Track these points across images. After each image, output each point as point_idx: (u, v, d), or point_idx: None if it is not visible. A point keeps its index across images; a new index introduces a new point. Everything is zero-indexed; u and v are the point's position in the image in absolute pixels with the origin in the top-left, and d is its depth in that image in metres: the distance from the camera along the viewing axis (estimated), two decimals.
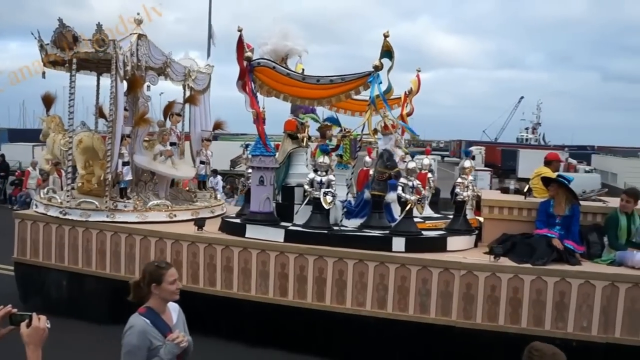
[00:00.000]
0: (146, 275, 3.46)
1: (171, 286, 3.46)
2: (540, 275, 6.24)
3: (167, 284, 3.44)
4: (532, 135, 69.67)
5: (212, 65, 9.62)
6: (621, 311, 6.07)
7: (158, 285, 3.42)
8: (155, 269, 3.46)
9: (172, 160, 8.60)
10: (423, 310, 6.61)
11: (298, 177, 8.07)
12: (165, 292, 3.44)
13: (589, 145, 62.49)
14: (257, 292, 7.15)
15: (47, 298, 8.12)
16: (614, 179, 36.28)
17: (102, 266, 7.83)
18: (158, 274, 3.43)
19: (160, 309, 3.47)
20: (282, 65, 7.61)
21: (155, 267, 3.48)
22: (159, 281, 3.42)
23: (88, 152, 8.14)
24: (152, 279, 3.43)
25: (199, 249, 7.37)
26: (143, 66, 8.28)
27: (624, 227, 6.64)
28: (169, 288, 3.45)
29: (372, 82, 6.87)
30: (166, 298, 3.48)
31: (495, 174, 34.18)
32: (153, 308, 3.44)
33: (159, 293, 3.43)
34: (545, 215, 6.86)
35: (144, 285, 3.45)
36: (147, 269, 3.51)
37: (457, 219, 7.35)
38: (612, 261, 6.49)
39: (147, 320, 3.37)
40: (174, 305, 3.62)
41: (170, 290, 3.46)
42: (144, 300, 3.47)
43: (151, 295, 3.44)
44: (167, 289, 3.44)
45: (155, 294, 3.43)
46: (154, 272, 3.44)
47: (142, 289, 3.46)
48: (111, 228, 7.77)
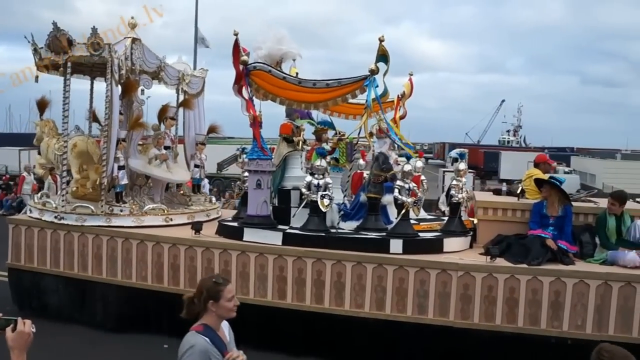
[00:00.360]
0: (203, 291, 3.28)
1: (229, 303, 3.30)
2: (536, 275, 6.37)
3: (225, 301, 3.28)
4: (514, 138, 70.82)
5: (206, 69, 9.64)
6: (614, 309, 6.22)
7: (215, 303, 3.25)
8: (213, 285, 3.28)
9: (167, 164, 8.59)
10: (421, 311, 6.69)
11: (294, 180, 8.12)
12: (223, 309, 3.28)
13: (568, 147, 63.51)
14: (256, 295, 7.17)
15: (42, 303, 8.05)
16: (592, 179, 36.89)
17: (98, 271, 7.80)
18: (216, 291, 3.26)
19: (216, 326, 3.32)
20: (277, 69, 7.66)
21: (212, 284, 3.30)
22: (217, 298, 3.25)
23: (82, 157, 8.09)
24: (209, 295, 3.25)
25: (197, 252, 7.37)
26: (137, 70, 8.25)
27: (612, 228, 6.80)
28: (227, 305, 3.29)
29: (368, 86, 6.96)
30: (223, 316, 3.32)
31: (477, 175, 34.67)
32: (209, 325, 3.28)
33: (216, 310, 3.27)
34: (539, 216, 6.99)
35: (199, 302, 3.28)
36: (204, 285, 3.33)
37: (453, 221, 7.45)
38: (604, 260, 6.64)
39: (207, 338, 3.21)
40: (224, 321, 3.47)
41: (228, 308, 3.30)
42: (197, 316, 3.31)
43: (207, 312, 3.27)
44: (225, 306, 3.28)
45: (211, 311, 3.27)
46: (212, 289, 3.27)
47: (196, 305, 3.30)
48: (107, 232, 7.75)
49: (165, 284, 7.51)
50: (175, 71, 8.90)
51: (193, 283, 7.37)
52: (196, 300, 3.29)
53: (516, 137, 71.41)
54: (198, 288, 3.34)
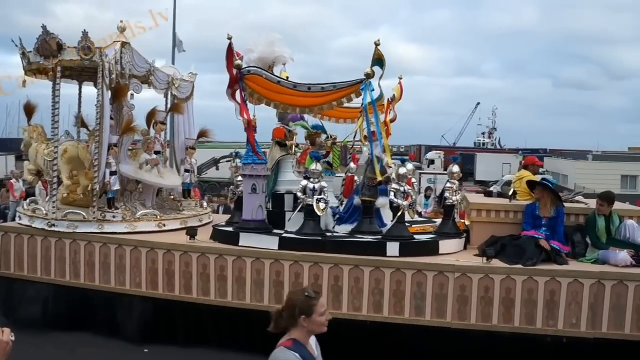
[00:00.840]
0: (295, 305, 3.13)
1: (321, 318, 3.15)
2: (532, 276, 6.47)
3: (318, 316, 3.13)
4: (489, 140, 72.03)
5: (196, 74, 9.58)
6: (607, 307, 6.36)
7: (308, 318, 3.11)
8: (305, 300, 3.14)
9: (158, 169, 8.51)
10: (419, 313, 6.74)
11: (287, 185, 8.12)
12: (315, 324, 3.14)
13: (542, 149, 64.77)
14: (252, 300, 7.15)
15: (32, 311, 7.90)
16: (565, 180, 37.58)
17: (91, 278, 7.68)
18: (309, 305, 3.12)
19: (305, 341, 3.18)
20: (272, 73, 7.65)
21: (305, 298, 3.15)
22: (309, 313, 3.11)
23: (73, 162, 7.97)
24: (301, 310, 3.11)
25: (192, 258, 7.31)
26: (127, 74, 8.16)
27: (602, 228, 6.95)
28: (319, 320, 3.14)
29: (364, 90, 7.01)
30: (314, 331, 3.18)
31: None
32: (299, 341, 3.13)
33: (308, 325, 3.13)
34: (532, 217, 7.11)
35: (288, 316, 3.14)
36: (296, 298, 3.18)
37: (447, 223, 7.54)
38: (596, 260, 6.79)
39: (297, 354, 3.07)
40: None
41: (321, 323, 3.15)
42: (285, 331, 3.18)
43: (296, 326, 3.14)
44: (317, 321, 3.14)
45: (302, 326, 3.13)
46: (304, 303, 3.13)
47: (284, 319, 3.16)
48: (100, 239, 7.64)
49: (160, 291, 7.44)
50: (165, 75, 8.83)
51: (189, 289, 7.35)
52: (285, 314, 3.16)
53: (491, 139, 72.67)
54: (288, 302, 3.21)
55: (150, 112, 8.74)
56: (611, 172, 39.55)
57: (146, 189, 8.59)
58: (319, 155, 7.50)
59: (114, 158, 7.89)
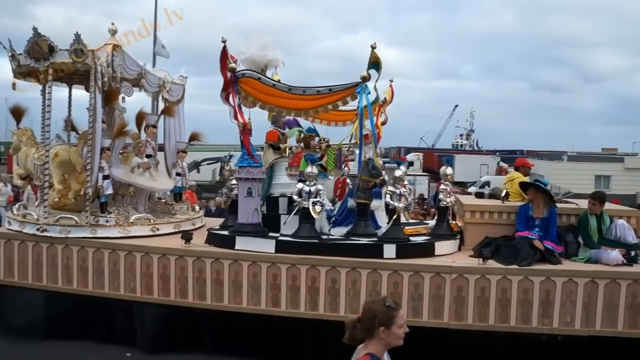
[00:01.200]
0: (375, 316, 3.00)
1: (400, 330, 3.03)
2: (527, 276, 6.57)
3: (397, 328, 3.02)
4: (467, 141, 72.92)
5: (186, 77, 9.51)
6: (601, 305, 6.50)
7: (387, 329, 2.99)
8: (386, 310, 3.00)
9: (150, 172, 8.44)
10: (416, 314, 6.79)
11: (281, 187, 8.12)
12: (393, 336, 3.02)
13: (519, 150, 65.73)
14: (249, 303, 7.12)
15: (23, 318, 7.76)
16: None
17: (84, 284, 7.58)
18: (389, 316, 3.00)
19: (381, 354, 3.06)
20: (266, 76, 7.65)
21: (386, 308, 3.01)
22: (389, 324, 2.99)
23: (64, 166, 7.86)
24: (381, 321, 2.98)
25: (188, 262, 7.26)
26: (118, 77, 8.08)
27: (594, 228, 7.09)
28: (398, 332, 3.03)
29: (359, 93, 7.05)
30: (391, 343, 3.05)
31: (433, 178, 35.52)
32: (376, 355, 3.01)
33: (386, 337, 3.00)
34: (525, 218, 7.22)
35: (366, 327, 3.02)
36: (376, 308, 3.03)
37: (441, 224, 7.62)
38: (588, 259, 6.93)
39: None
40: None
41: (399, 335, 3.04)
42: (358, 343, 3.09)
43: (374, 338, 3.01)
44: (396, 334, 3.02)
45: (380, 338, 3.00)
46: (385, 314, 2.99)
47: (361, 330, 3.05)
48: (93, 244, 7.54)
49: (155, 295, 7.37)
50: (156, 78, 8.75)
51: (184, 294, 7.30)
52: (363, 324, 3.04)
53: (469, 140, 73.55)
54: (366, 312, 3.06)
55: (139, 115, 8.65)
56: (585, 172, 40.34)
57: (138, 192, 8.50)
58: (315, 158, 7.52)
59: (107, 162, 7.79)
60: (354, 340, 3.08)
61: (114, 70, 7.95)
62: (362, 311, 3.11)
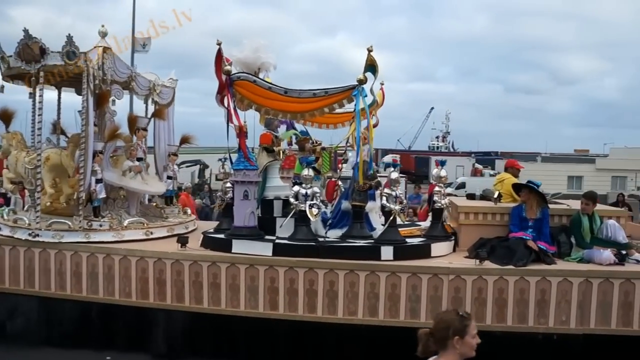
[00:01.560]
0: (449, 326, 2.98)
1: (473, 340, 3.01)
2: (523, 276, 6.68)
3: (470, 337, 2.99)
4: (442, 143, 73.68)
5: (176, 79, 9.44)
6: (595, 304, 6.63)
7: (461, 339, 2.95)
8: (460, 320, 2.99)
9: (142, 175, 8.35)
10: (413, 315, 6.84)
11: (275, 190, 8.12)
12: (467, 346, 2.99)
13: (493, 151, 66.55)
14: (247, 307, 7.09)
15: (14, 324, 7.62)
16: None
17: (77, 289, 7.46)
18: (463, 326, 2.97)
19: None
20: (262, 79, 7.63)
21: (459, 318, 3.00)
22: (463, 334, 2.96)
23: (56, 170, 7.73)
24: (455, 331, 2.96)
25: (184, 266, 7.20)
26: (108, 80, 7.99)
27: (586, 228, 7.23)
28: (471, 342, 3.00)
29: (356, 96, 7.08)
30: (465, 354, 3.01)
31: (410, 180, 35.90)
32: None
33: (460, 348, 2.97)
34: (519, 219, 7.33)
35: (440, 338, 2.99)
36: (449, 318, 3.03)
37: (436, 226, 7.68)
38: (580, 259, 7.06)
39: None
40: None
41: (472, 345, 3.00)
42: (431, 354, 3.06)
43: (448, 349, 2.98)
44: (470, 344, 2.99)
45: (454, 349, 2.96)
46: (459, 324, 2.97)
47: (435, 341, 3.02)
48: (87, 249, 7.43)
49: (151, 300, 7.30)
50: (146, 81, 8.67)
51: (181, 298, 7.24)
52: (437, 335, 3.01)
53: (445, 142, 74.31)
54: (440, 322, 3.05)
55: (131, 118, 8.56)
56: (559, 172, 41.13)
57: (130, 196, 8.40)
58: (311, 160, 7.54)
59: (100, 165, 7.69)
60: (427, 353, 3.06)
61: (105, 73, 7.87)
62: (434, 322, 3.11)
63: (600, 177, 40.97)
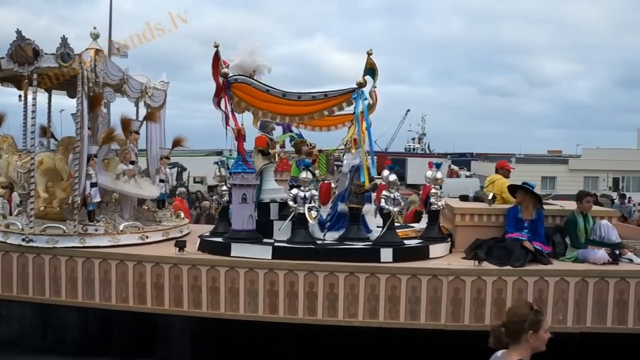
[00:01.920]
0: (524, 320, 3.08)
1: (546, 335, 3.12)
2: (521, 276, 6.78)
3: (543, 332, 3.10)
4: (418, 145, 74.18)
5: (167, 82, 9.34)
6: (591, 303, 6.77)
7: (535, 334, 3.06)
8: (534, 314, 3.09)
9: (136, 179, 8.24)
10: (413, 316, 6.89)
11: (270, 193, 8.08)
12: (540, 340, 3.10)
13: (469, 153, 67.31)
14: (246, 311, 7.06)
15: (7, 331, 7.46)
16: None
17: (72, 295, 7.33)
18: (537, 320, 3.08)
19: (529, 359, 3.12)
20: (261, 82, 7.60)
21: (534, 312, 3.10)
22: (537, 328, 3.07)
23: (49, 174, 7.58)
24: (530, 325, 3.06)
25: (182, 271, 7.14)
26: (101, 83, 7.87)
27: (582, 228, 7.37)
28: (544, 337, 3.11)
29: (356, 99, 7.11)
30: (538, 348, 3.12)
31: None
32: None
33: (534, 342, 3.08)
34: (514, 219, 7.43)
35: (514, 331, 3.09)
36: (523, 312, 3.13)
37: (433, 228, 7.75)
38: (575, 259, 7.19)
39: None
40: None
41: (545, 339, 3.12)
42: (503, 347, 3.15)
43: (521, 343, 3.08)
44: (543, 338, 3.10)
45: (527, 342, 3.07)
46: (533, 318, 3.08)
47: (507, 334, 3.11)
48: (82, 254, 7.31)
49: (148, 305, 7.21)
50: (138, 84, 8.56)
51: (179, 302, 7.17)
52: (510, 328, 3.11)
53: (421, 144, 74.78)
54: (514, 316, 3.16)
55: (125, 121, 8.44)
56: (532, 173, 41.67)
57: (124, 200, 8.29)
58: (309, 163, 7.54)
59: (94, 169, 7.56)
60: (498, 345, 3.15)
61: (97, 76, 7.74)
62: (508, 316, 3.20)
63: (573, 178, 41.67)
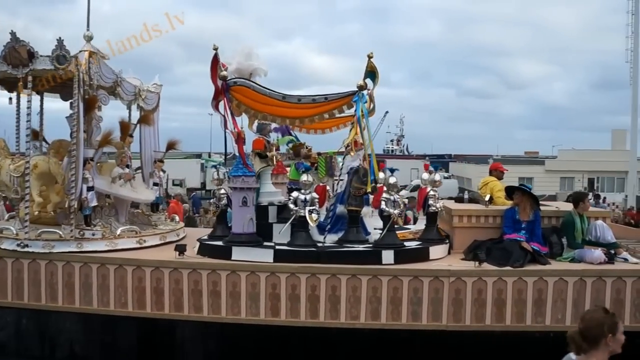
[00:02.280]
0: (602, 324, 3.14)
1: (622, 336, 3.17)
2: (521, 276, 6.87)
3: (620, 334, 3.15)
4: (397, 147, 74.63)
5: (161, 84, 9.24)
6: (588, 302, 6.86)
7: (613, 336, 3.12)
8: (611, 317, 3.17)
9: (131, 183, 8.14)
10: (415, 317, 6.93)
11: (268, 196, 8.06)
12: (618, 343, 3.15)
13: (447, 154, 67.90)
14: (248, 314, 7.03)
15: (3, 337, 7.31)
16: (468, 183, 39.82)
17: (70, 300, 7.20)
18: (614, 323, 3.15)
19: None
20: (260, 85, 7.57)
21: (610, 315, 3.19)
22: (615, 331, 3.13)
23: (44, 178, 7.44)
24: (610, 328, 3.13)
25: (183, 275, 7.07)
26: (95, 85, 7.75)
27: (579, 229, 7.49)
28: (621, 339, 3.16)
29: (357, 102, 7.13)
30: (615, 351, 3.16)
31: None
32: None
33: (612, 345, 3.13)
34: (512, 221, 7.52)
35: (594, 336, 3.13)
36: (600, 317, 3.20)
37: (431, 229, 7.80)
38: (572, 259, 7.31)
39: None
40: None
41: (621, 341, 3.16)
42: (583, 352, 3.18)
43: (599, 347, 3.13)
44: (620, 340, 3.15)
45: (606, 346, 3.13)
46: (611, 321, 3.15)
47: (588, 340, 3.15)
48: (79, 259, 7.19)
49: (148, 310, 7.13)
50: (131, 86, 8.46)
51: (179, 307, 7.10)
52: (591, 334, 3.14)
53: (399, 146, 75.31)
54: (591, 321, 3.20)
55: (123, 124, 8.33)
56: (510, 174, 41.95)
57: (119, 203, 8.18)
58: (309, 166, 7.53)
59: (91, 173, 7.45)
60: (580, 351, 3.19)
61: (91, 78, 7.63)
62: (584, 322, 3.23)
63: (549, 178, 42.38)
